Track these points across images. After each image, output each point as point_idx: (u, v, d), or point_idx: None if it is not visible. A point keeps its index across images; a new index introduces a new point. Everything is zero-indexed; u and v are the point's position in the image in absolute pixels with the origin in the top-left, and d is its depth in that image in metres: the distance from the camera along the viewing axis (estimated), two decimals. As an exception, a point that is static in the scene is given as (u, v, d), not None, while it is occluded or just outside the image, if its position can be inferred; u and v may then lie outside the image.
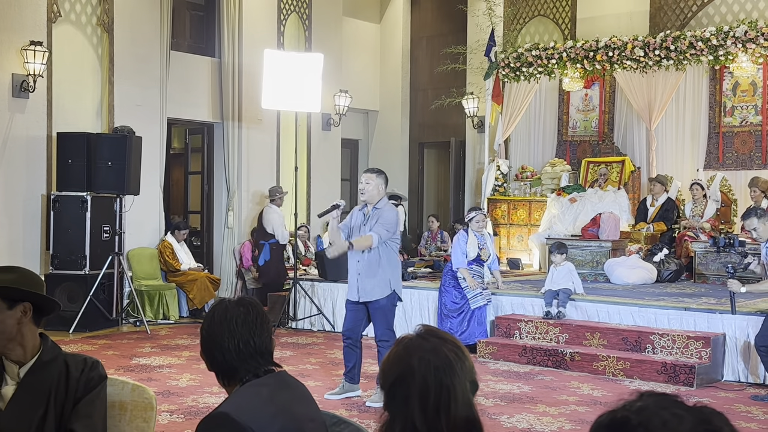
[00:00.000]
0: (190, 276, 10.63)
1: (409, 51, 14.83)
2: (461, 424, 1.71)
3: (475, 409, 1.76)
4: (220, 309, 2.28)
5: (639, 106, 11.40)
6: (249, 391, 2.19)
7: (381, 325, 6.22)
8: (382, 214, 6.12)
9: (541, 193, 12.09)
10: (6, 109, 9.40)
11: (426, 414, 1.69)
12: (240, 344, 2.21)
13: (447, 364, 1.73)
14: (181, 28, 11.79)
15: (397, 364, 1.76)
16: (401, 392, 1.72)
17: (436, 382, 1.71)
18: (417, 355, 1.74)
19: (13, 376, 2.45)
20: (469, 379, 1.76)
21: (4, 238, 9.41)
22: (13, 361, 2.45)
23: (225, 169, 12.03)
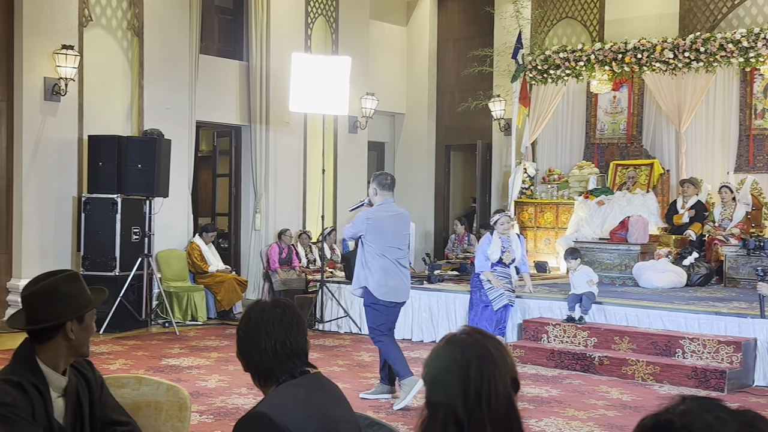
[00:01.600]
0: (218, 278, 10.70)
1: (435, 53, 14.83)
2: (502, 416, 1.72)
3: (516, 406, 1.77)
4: (256, 310, 2.30)
5: (668, 109, 11.31)
6: (286, 391, 2.21)
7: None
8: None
9: (569, 196, 12.03)
10: (38, 112, 9.53)
11: (467, 403, 1.70)
12: (276, 345, 2.23)
13: (489, 356, 1.75)
14: (210, 32, 11.89)
15: (439, 356, 1.79)
16: (443, 381, 1.74)
17: (477, 371, 1.72)
18: (459, 346, 1.77)
19: (58, 388, 2.45)
20: (511, 375, 1.77)
21: (36, 240, 9.54)
22: (62, 374, 2.47)
23: (252, 171, 12.10)
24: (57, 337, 2.41)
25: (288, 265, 11.77)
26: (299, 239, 12.19)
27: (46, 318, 2.39)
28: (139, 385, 2.71)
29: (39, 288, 2.43)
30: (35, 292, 2.43)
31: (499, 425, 1.71)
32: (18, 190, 9.46)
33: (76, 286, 2.46)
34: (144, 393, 2.65)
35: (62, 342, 2.41)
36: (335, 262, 12.04)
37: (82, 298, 2.45)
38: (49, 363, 2.41)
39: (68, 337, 2.41)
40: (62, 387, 2.44)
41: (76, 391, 2.45)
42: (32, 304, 2.43)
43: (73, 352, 2.45)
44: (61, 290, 2.42)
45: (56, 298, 2.40)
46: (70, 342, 2.42)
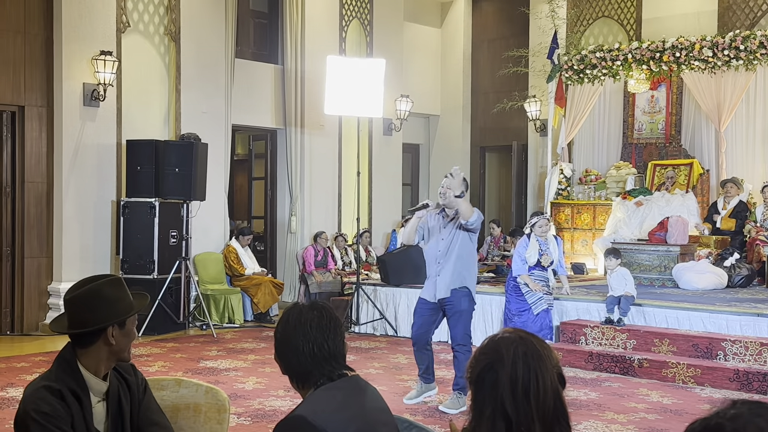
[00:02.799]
0: (255, 280, 10.76)
1: (470, 54, 14.77)
2: (550, 411, 1.73)
3: (563, 400, 1.76)
4: (294, 313, 2.29)
5: (707, 108, 11.14)
6: (324, 394, 2.20)
7: (458, 329, 6.20)
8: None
9: (606, 197, 11.90)
10: (78, 117, 9.67)
11: (516, 398, 1.72)
12: (314, 348, 2.22)
13: (535, 352, 1.78)
14: (245, 36, 11.98)
15: (486, 354, 1.81)
16: (490, 378, 1.76)
17: (524, 367, 1.75)
18: (505, 345, 1.79)
19: (99, 392, 2.48)
20: (557, 371, 1.78)
21: (76, 243, 9.68)
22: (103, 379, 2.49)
23: (288, 174, 12.16)
24: (98, 342, 2.43)
25: (324, 267, 11.80)
26: (335, 241, 12.22)
27: (88, 323, 2.41)
28: (178, 388, 2.73)
29: (81, 292, 2.45)
30: (78, 296, 2.45)
31: (547, 419, 1.72)
32: (58, 195, 9.61)
33: (119, 291, 2.48)
34: (183, 395, 2.67)
35: (103, 347, 2.43)
36: (370, 264, 12.05)
37: (123, 304, 2.47)
38: (90, 367, 2.43)
39: (109, 342, 2.43)
40: (103, 392, 2.46)
41: (117, 396, 2.47)
42: (74, 309, 2.45)
43: (114, 357, 2.47)
44: (104, 295, 2.44)
45: (98, 303, 2.42)
46: (111, 347, 2.44)
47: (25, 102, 9.46)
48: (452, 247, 6.11)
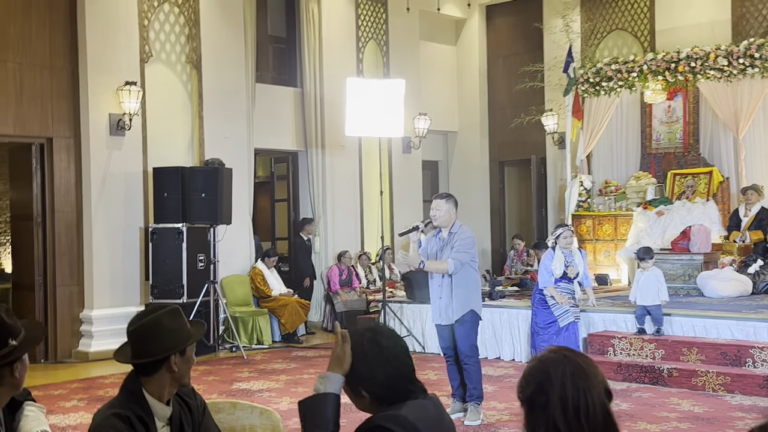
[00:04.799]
0: (281, 301, 10.88)
1: (486, 71, 14.91)
2: (600, 426, 1.83)
3: (611, 414, 1.87)
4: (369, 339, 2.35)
5: (725, 116, 11.20)
6: (418, 404, 2.28)
7: (464, 342, 6.30)
8: (458, 237, 6.20)
9: (627, 207, 11.96)
10: (104, 147, 9.87)
11: (567, 417, 1.82)
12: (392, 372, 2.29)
13: (582, 371, 1.87)
14: (265, 61, 12.18)
15: (535, 375, 1.90)
16: (541, 399, 1.86)
17: (573, 387, 1.84)
18: (553, 365, 1.89)
19: (163, 417, 2.59)
20: (603, 386, 1.86)
21: (106, 270, 9.85)
22: (166, 404, 2.61)
23: (310, 195, 12.32)
24: (161, 370, 2.55)
25: (348, 286, 11.92)
26: (359, 260, 12.34)
27: (152, 352, 2.53)
28: (234, 410, 2.85)
29: (144, 323, 2.58)
30: (140, 327, 2.58)
31: (599, 430, 1.81)
32: (87, 223, 9.80)
33: (178, 320, 2.61)
34: (239, 417, 2.79)
35: (166, 374, 2.56)
36: (394, 281, 12.16)
37: (183, 332, 2.59)
38: (155, 394, 2.56)
39: (172, 370, 2.55)
40: (167, 417, 2.58)
41: (179, 420, 2.59)
42: (138, 339, 2.57)
43: (176, 383, 2.59)
44: (165, 325, 2.56)
45: (160, 333, 2.54)
46: (173, 374, 2.56)
47: (54, 134, 9.67)
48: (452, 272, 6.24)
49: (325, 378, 2.29)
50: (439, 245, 6.28)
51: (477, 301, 6.40)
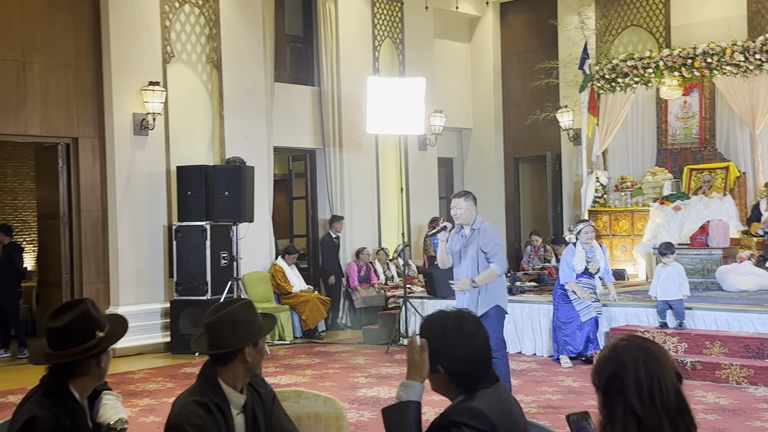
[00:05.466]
0: (302, 298, 11.01)
1: (500, 68, 15.00)
2: (674, 407, 1.96)
3: (683, 395, 2.00)
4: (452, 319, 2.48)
5: (741, 111, 11.27)
6: (491, 394, 2.39)
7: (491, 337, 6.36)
8: (484, 234, 6.28)
9: (643, 203, 12.04)
10: (128, 146, 10.00)
11: (642, 400, 1.95)
12: (471, 354, 2.41)
13: (653, 357, 2.01)
14: (282, 60, 12.29)
15: (608, 363, 2.03)
16: (617, 385, 1.99)
17: (646, 372, 1.97)
18: (626, 353, 2.02)
19: (237, 405, 2.71)
20: (674, 370, 2.01)
21: (131, 268, 9.98)
22: (240, 393, 2.73)
23: (328, 193, 12.43)
24: (236, 361, 2.67)
25: (367, 282, 12.04)
26: (376, 256, 12.45)
27: (228, 344, 2.65)
28: (299, 399, 2.97)
29: (220, 316, 2.69)
30: (217, 320, 2.69)
31: (672, 414, 1.95)
32: (113, 222, 9.93)
33: (251, 314, 2.73)
34: (303, 405, 2.90)
35: (240, 364, 2.68)
36: (411, 277, 12.27)
37: (256, 325, 2.71)
38: (229, 383, 2.68)
39: (245, 360, 2.67)
40: (241, 404, 2.70)
41: (252, 408, 2.71)
42: (214, 331, 2.69)
43: (249, 372, 2.71)
44: (239, 318, 2.68)
45: (235, 326, 2.66)
46: (247, 364, 2.68)
47: (79, 134, 9.81)
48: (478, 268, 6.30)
49: (406, 386, 2.41)
50: (463, 242, 6.35)
51: (502, 297, 6.48)
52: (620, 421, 1.95)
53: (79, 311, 2.67)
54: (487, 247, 6.22)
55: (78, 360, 2.61)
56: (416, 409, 2.40)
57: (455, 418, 2.33)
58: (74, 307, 2.69)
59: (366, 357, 9.30)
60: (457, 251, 6.42)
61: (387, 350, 9.58)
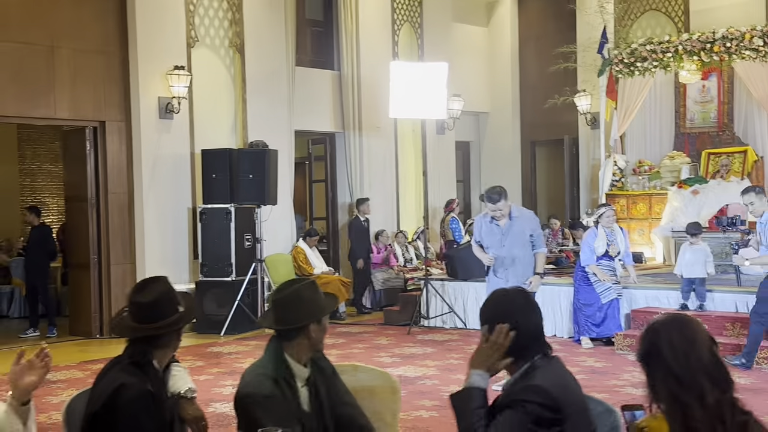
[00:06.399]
0: (324, 279, 11.14)
1: (517, 52, 15.07)
2: (710, 365, 2.18)
3: (718, 355, 2.22)
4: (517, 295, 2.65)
5: (759, 95, 11.32)
6: (549, 369, 2.55)
7: None
8: (529, 220, 6.56)
9: (661, 187, 12.13)
10: (154, 130, 10.15)
11: (678, 361, 2.17)
12: (532, 327, 2.58)
13: (686, 324, 2.26)
14: (303, 44, 12.40)
15: (647, 335, 2.29)
16: (654, 352, 2.23)
17: (679, 336, 2.22)
18: (660, 324, 2.27)
19: (301, 378, 2.88)
20: (706, 335, 2.25)
21: (156, 250, 10.16)
22: (305, 366, 2.89)
23: (348, 176, 12.56)
24: (300, 336, 2.83)
25: (386, 264, 12.19)
26: (395, 239, 12.60)
27: (294, 320, 2.81)
28: (355, 373, 3.12)
29: (286, 294, 2.85)
30: (283, 298, 2.85)
31: (709, 371, 2.18)
32: (139, 204, 10.10)
33: (315, 292, 2.89)
34: (360, 379, 3.06)
35: (305, 340, 2.83)
36: (430, 259, 12.41)
37: (320, 303, 2.87)
38: (294, 357, 2.84)
39: (310, 336, 2.83)
40: (305, 377, 2.86)
41: (315, 381, 2.87)
42: (281, 308, 2.85)
43: (312, 348, 2.87)
44: (305, 296, 2.84)
45: (301, 304, 2.82)
46: (310, 340, 2.84)
47: (106, 117, 9.96)
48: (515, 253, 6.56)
49: (475, 374, 2.57)
50: (501, 231, 6.55)
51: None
52: (662, 383, 2.17)
53: (163, 288, 2.83)
54: (535, 232, 6.61)
55: (162, 333, 2.77)
56: (484, 396, 2.55)
57: (518, 397, 2.48)
58: (157, 284, 2.86)
59: (388, 338, 9.46)
60: (496, 241, 6.62)
61: (409, 331, 9.74)
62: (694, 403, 2.11)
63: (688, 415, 2.11)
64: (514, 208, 6.64)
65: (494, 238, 6.60)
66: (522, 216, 6.59)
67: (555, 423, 2.47)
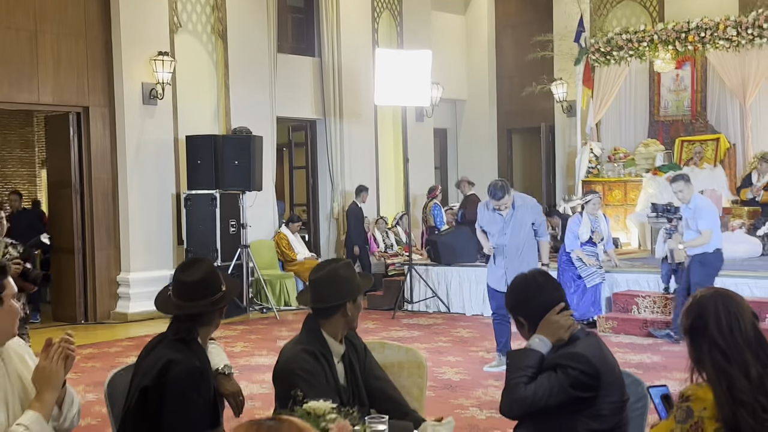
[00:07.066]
0: (307, 264, 11.24)
1: (494, 40, 15.23)
2: (752, 338, 2.31)
3: (760, 330, 2.33)
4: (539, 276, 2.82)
5: (732, 84, 11.61)
6: (588, 341, 2.73)
7: None
8: (532, 209, 6.71)
9: (636, 174, 12.38)
10: (138, 116, 10.14)
11: (723, 335, 2.30)
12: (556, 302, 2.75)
13: (731, 299, 2.37)
14: (284, 31, 12.42)
15: (692, 309, 2.39)
16: (701, 326, 2.34)
17: (725, 311, 2.32)
18: (705, 299, 2.38)
19: (337, 354, 2.99)
20: (750, 311, 2.36)
21: (141, 236, 10.17)
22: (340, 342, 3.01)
23: (328, 162, 12.64)
24: (337, 314, 2.95)
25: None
26: (376, 225, 12.72)
27: (331, 299, 2.92)
28: (383, 349, 3.25)
29: (323, 274, 2.96)
30: (321, 277, 2.96)
31: (752, 344, 2.30)
32: (123, 190, 10.10)
33: (351, 272, 3.01)
34: (388, 355, 3.18)
35: (341, 318, 2.95)
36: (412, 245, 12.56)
37: (356, 283, 2.99)
38: (331, 334, 2.96)
39: (346, 314, 2.95)
40: (341, 354, 2.98)
41: (349, 357, 2.99)
42: (319, 287, 2.96)
43: (347, 325, 2.99)
44: (341, 276, 2.95)
45: (338, 283, 2.93)
46: (346, 318, 2.95)
47: (90, 103, 9.92)
48: (519, 242, 6.67)
49: (540, 339, 2.79)
50: (503, 220, 6.67)
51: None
52: (707, 356, 2.29)
53: (208, 267, 2.93)
54: (537, 220, 6.72)
55: (205, 311, 2.87)
56: (539, 359, 2.74)
57: (561, 361, 2.64)
58: (201, 263, 2.95)
59: (374, 321, 9.59)
60: (499, 230, 6.71)
61: (393, 315, 9.88)
62: (739, 376, 2.24)
63: (734, 386, 2.23)
64: (517, 196, 6.72)
65: (496, 226, 6.71)
66: (525, 205, 6.68)
67: (591, 388, 2.64)
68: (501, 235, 6.68)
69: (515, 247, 6.65)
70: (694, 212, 7.44)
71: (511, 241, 6.65)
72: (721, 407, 2.22)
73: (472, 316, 9.81)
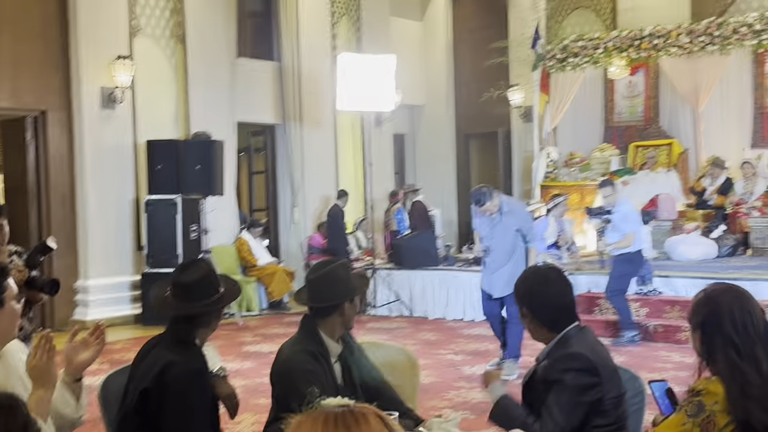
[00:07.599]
0: (268, 270, 11.19)
1: (452, 46, 15.36)
2: (763, 334, 2.37)
3: None
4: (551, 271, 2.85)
5: (685, 90, 11.92)
6: (583, 338, 2.77)
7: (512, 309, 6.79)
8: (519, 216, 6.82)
9: (592, 178, 12.60)
10: (96, 120, 9.99)
11: (738, 331, 2.36)
12: (566, 299, 2.78)
13: (743, 296, 2.43)
14: (243, 35, 12.35)
15: (704, 305, 2.44)
16: (714, 322, 2.39)
17: (739, 308, 2.39)
18: (718, 295, 2.44)
19: (334, 354, 3.00)
20: (760, 307, 2.43)
21: (100, 242, 10.00)
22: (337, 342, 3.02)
23: (289, 167, 12.59)
24: (334, 314, 2.96)
25: (329, 255, 12.29)
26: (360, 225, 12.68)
27: (329, 298, 2.93)
28: (377, 349, 3.27)
29: (321, 274, 2.97)
30: (319, 277, 2.97)
31: (763, 340, 2.37)
32: (81, 195, 9.92)
33: (348, 273, 3.02)
34: (381, 355, 3.20)
35: (338, 318, 2.96)
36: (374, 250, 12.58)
37: (354, 283, 3.00)
38: (328, 334, 2.96)
39: (343, 314, 2.96)
40: (337, 354, 2.99)
41: (345, 356, 3.00)
42: (316, 287, 2.97)
43: (344, 325, 3.00)
44: (339, 276, 2.96)
45: (335, 283, 2.94)
46: (343, 317, 2.97)
47: (47, 106, 9.73)
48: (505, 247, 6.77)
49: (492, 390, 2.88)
50: (492, 223, 6.78)
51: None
52: (721, 351, 2.33)
53: (205, 268, 2.91)
54: (524, 227, 6.79)
55: (205, 312, 2.85)
56: (510, 399, 2.81)
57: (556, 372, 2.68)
58: (199, 265, 2.93)
59: (339, 326, 9.58)
60: (487, 232, 6.86)
61: (357, 319, 9.88)
62: (751, 372, 2.30)
63: (746, 381, 2.29)
64: (505, 203, 6.82)
65: (485, 229, 6.85)
66: (511, 211, 6.77)
67: (595, 386, 2.68)
68: (490, 238, 6.80)
69: (503, 251, 6.73)
70: (621, 215, 7.80)
71: (498, 245, 6.74)
72: (732, 402, 2.27)
73: (434, 320, 9.86)
